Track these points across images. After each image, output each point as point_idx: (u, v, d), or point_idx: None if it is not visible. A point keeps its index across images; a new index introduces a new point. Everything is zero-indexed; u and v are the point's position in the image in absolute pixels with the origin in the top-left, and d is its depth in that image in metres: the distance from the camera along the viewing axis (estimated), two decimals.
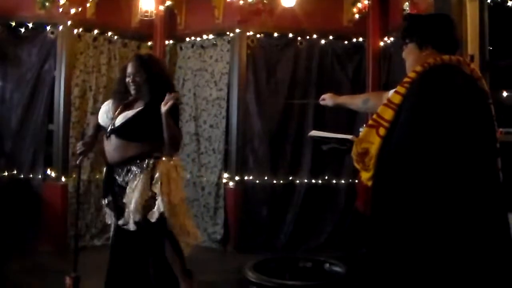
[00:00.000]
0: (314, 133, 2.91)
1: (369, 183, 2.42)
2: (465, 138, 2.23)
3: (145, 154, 3.64)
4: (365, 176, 2.44)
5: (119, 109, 3.71)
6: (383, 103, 2.39)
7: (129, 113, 3.65)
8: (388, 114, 2.33)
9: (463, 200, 2.19)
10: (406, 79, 2.37)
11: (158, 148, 3.70)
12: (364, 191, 5.87)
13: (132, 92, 3.71)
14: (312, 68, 6.35)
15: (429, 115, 2.22)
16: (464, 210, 2.19)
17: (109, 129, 3.66)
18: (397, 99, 2.33)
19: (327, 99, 3.66)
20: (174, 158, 3.81)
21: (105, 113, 3.78)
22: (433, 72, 2.33)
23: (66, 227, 5.99)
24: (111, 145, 3.65)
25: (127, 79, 3.71)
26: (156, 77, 3.69)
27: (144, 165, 3.62)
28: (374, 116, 2.38)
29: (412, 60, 2.52)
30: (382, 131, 2.32)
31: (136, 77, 3.67)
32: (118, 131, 3.62)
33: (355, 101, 3.43)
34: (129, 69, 3.71)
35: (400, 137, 2.27)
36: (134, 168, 3.62)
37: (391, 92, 2.99)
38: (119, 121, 3.64)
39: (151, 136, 3.65)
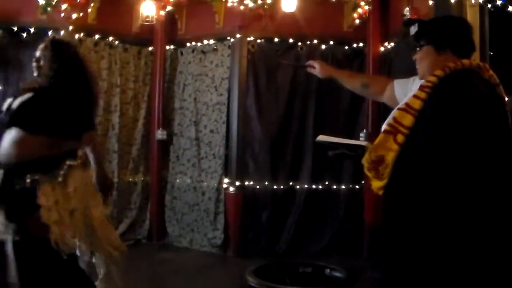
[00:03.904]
0: (321, 138, 2.69)
1: (380, 192, 2.30)
2: (490, 146, 2.14)
3: (54, 159, 3.06)
4: (376, 184, 2.30)
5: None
6: (401, 108, 2.26)
7: (26, 95, 3.14)
8: (408, 120, 2.21)
9: (490, 211, 2.09)
10: (426, 84, 2.25)
11: (71, 151, 3.17)
12: (373, 202, 5.84)
13: (34, 74, 3.26)
14: (312, 74, 6.34)
15: (453, 122, 2.12)
16: (491, 222, 2.09)
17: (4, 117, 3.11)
18: (417, 104, 2.21)
19: (317, 67, 3.34)
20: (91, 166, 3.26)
21: None
22: (455, 77, 2.23)
23: None
24: (7, 140, 3.03)
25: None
26: (62, 60, 3.23)
27: (55, 175, 3.04)
28: (391, 122, 2.25)
29: (428, 63, 2.40)
30: (400, 138, 2.20)
31: (39, 57, 3.27)
32: (13, 118, 3.07)
33: (352, 81, 3.21)
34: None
35: (423, 145, 2.16)
36: (39, 177, 2.98)
37: (396, 83, 2.86)
38: (15, 105, 3.11)
39: (59, 131, 3.06)
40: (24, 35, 6.01)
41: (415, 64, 2.52)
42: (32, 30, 6.00)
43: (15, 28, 5.97)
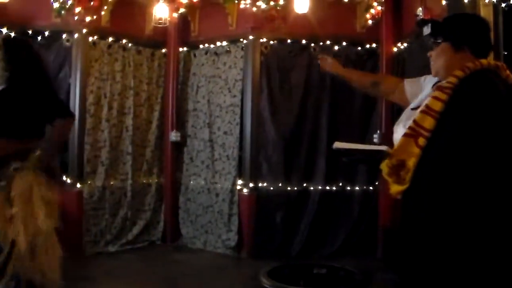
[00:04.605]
0: (338, 144, 2.52)
1: (399, 197, 2.25)
2: None
3: (2, 159, 2.95)
4: (396, 189, 2.24)
5: None
6: (422, 110, 2.21)
7: None
8: (429, 122, 2.14)
9: None
10: (446, 84, 2.19)
11: (20, 153, 3.00)
12: (388, 204, 5.81)
13: None
14: (325, 74, 6.31)
15: (477, 124, 2.06)
16: None
17: None
18: (438, 106, 2.15)
19: (328, 62, 3.17)
20: (40, 172, 3.03)
21: None
22: (476, 78, 2.17)
23: (81, 233, 6.03)
24: None
25: None
26: (16, 59, 3.10)
27: None
28: (412, 125, 2.18)
29: (444, 61, 2.34)
30: (422, 141, 2.14)
31: None
32: None
33: (362, 79, 3.13)
34: None
35: (446, 148, 2.11)
36: None
37: (406, 82, 2.80)
38: None
39: (19, 132, 2.99)
40: (39, 38, 6.07)
41: (428, 61, 2.47)
42: (46, 33, 6.06)
43: (30, 32, 6.03)
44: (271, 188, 6.28)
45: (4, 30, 5.86)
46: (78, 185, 6.05)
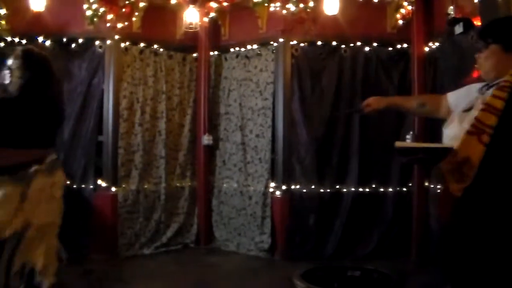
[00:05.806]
0: (400, 144, 2.54)
1: (459, 194, 2.28)
2: None
3: (18, 165, 3.21)
4: (457, 186, 2.28)
5: None
6: (482, 108, 2.26)
7: None
8: (492, 120, 2.21)
9: None
10: (504, 83, 2.27)
11: (37, 157, 3.29)
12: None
13: (6, 81, 3.28)
14: (356, 76, 6.30)
15: None
16: None
17: None
18: (499, 104, 2.22)
19: (373, 103, 3.32)
20: (56, 172, 3.43)
21: None
22: None
23: (116, 235, 6.11)
24: None
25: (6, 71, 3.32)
26: (31, 68, 3.30)
27: (17, 177, 3.18)
28: (474, 122, 2.25)
29: (494, 62, 2.41)
30: (485, 138, 2.20)
31: (10, 65, 3.30)
32: None
33: (408, 104, 3.22)
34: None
35: None
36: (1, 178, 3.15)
37: (449, 95, 2.82)
38: None
39: (25, 140, 3.24)
40: (73, 45, 6.19)
41: (461, 60, 2.49)
42: (80, 40, 6.17)
43: (65, 39, 6.16)
44: (304, 190, 6.26)
45: (41, 39, 6.03)
46: (113, 189, 6.14)
